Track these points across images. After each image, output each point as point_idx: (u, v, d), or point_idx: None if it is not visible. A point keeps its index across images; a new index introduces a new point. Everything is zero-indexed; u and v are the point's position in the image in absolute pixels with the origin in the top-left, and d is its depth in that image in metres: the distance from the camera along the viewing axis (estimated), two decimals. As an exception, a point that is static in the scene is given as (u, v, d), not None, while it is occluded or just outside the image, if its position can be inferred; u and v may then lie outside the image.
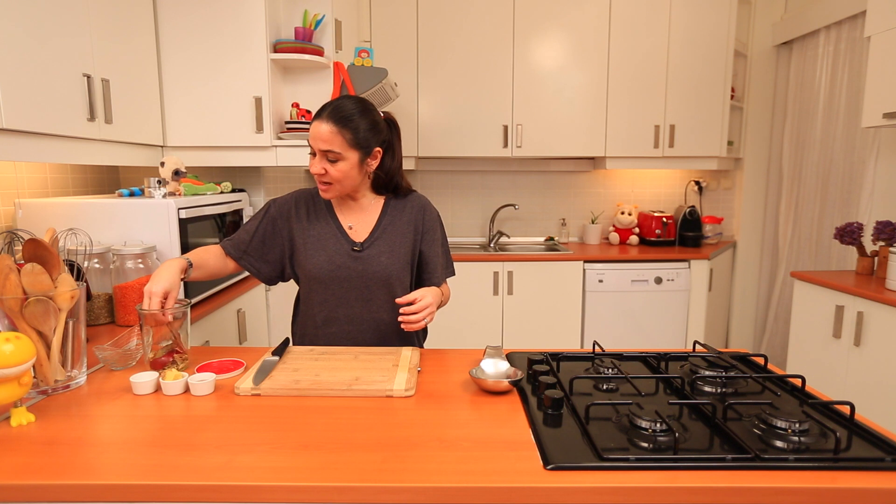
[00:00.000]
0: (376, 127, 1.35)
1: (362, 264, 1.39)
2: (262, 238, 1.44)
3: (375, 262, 1.39)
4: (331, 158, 1.31)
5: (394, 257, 1.41)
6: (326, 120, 1.29)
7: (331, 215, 1.44)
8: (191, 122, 2.23)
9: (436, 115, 3.30)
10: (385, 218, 1.44)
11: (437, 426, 0.96)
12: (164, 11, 2.16)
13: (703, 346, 1.34)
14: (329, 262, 1.39)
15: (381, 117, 1.38)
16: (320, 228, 1.42)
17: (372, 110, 1.36)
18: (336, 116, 1.29)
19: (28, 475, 0.80)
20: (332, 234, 1.41)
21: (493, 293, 3.18)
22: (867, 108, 2.41)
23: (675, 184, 3.78)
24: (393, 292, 1.42)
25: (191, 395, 1.09)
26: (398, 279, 1.42)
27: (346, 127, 1.29)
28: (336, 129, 1.29)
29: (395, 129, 1.43)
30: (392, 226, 1.44)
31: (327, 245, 1.40)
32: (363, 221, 1.44)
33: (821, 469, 0.82)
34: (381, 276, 1.39)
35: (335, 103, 1.32)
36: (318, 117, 1.31)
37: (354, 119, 1.30)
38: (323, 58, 2.32)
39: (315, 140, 1.30)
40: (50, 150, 1.56)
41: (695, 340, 1.55)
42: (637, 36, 3.24)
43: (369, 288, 1.40)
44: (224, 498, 0.78)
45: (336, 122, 1.29)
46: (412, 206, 1.47)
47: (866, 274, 2.49)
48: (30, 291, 1.06)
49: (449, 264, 1.55)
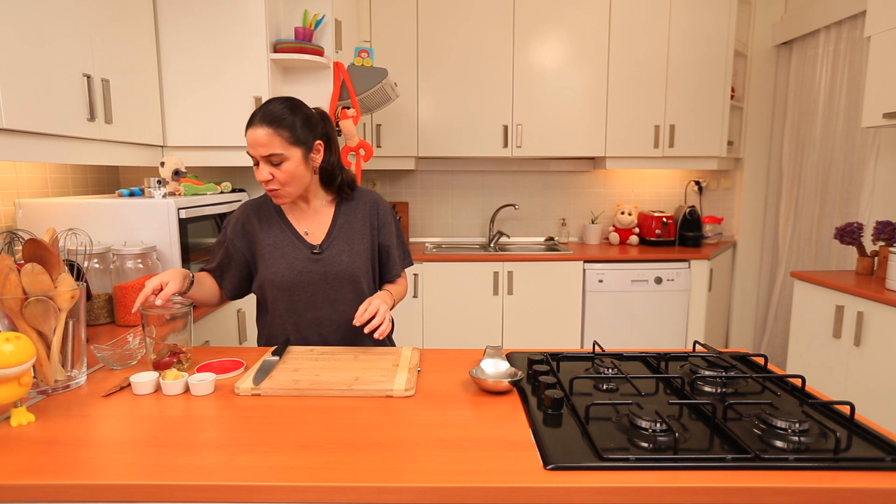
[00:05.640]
0: (310, 121, 1.34)
1: (324, 266, 1.39)
2: (229, 260, 1.44)
3: (336, 261, 1.39)
4: (274, 162, 1.29)
5: (354, 255, 1.41)
6: (260, 124, 1.27)
7: (284, 223, 1.43)
8: (191, 122, 2.23)
9: (436, 115, 3.30)
10: (340, 218, 1.44)
11: (437, 426, 0.96)
12: (164, 11, 2.16)
13: (703, 346, 1.34)
14: (290, 269, 1.38)
15: (312, 111, 1.37)
16: (275, 237, 1.41)
17: (301, 106, 1.35)
18: (268, 119, 1.28)
19: (28, 475, 0.80)
20: (288, 240, 1.41)
21: (493, 293, 3.18)
22: (867, 108, 2.41)
23: (675, 184, 3.78)
24: (359, 289, 1.42)
25: (191, 395, 1.09)
26: (362, 276, 1.42)
27: (281, 126, 1.28)
28: (272, 131, 1.27)
29: (328, 122, 1.42)
30: (348, 224, 1.44)
31: (286, 252, 1.39)
32: (318, 224, 1.44)
33: (821, 469, 0.82)
34: (344, 274, 1.40)
35: (264, 108, 1.30)
36: (250, 125, 1.29)
37: (287, 117, 1.29)
38: (323, 58, 2.32)
39: (254, 147, 1.29)
40: (50, 150, 1.56)
41: (695, 340, 1.55)
42: (637, 36, 3.24)
43: (334, 289, 1.40)
44: (224, 498, 0.78)
45: (270, 123, 1.27)
46: (364, 203, 1.47)
47: (866, 274, 2.49)
48: (30, 291, 1.06)
49: (406, 255, 1.57)
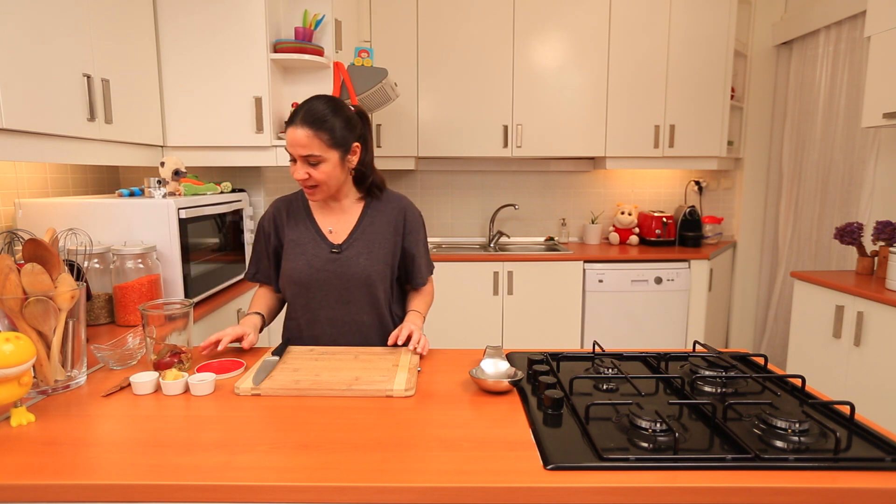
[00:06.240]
0: (350, 123, 1.34)
1: (341, 266, 1.39)
2: (275, 256, 1.47)
3: (354, 263, 1.39)
4: (312, 162, 1.30)
5: (372, 258, 1.40)
6: (301, 124, 1.28)
7: (309, 219, 1.44)
8: (191, 122, 2.23)
9: (436, 115, 3.30)
10: (365, 219, 1.44)
11: (437, 426, 0.96)
12: (164, 11, 2.16)
13: (703, 346, 1.34)
14: (308, 266, 1.39)
15: (352, 112, 1.38)
16: (299, 233, 1.43)
17: (343, 107, 1.35)
18: (310, 119, 1.28)
19: (28, 475, 0.80)
20: (310, 237, 1.42)
21: (493, 293, 3.18)
22: (867, 108, 2.41)
23: (675, 184, 3.78)
24: (373, 294, 1.41)
25: (191, 395, 1.09)
26: (378, 280, 1.41)
27: (322, 128, 1.28)
28: (312, 132, 1.27)
29: (366, 121, 1.43)
30: (372, 226, 1.43)
31: (307, 249, 1.40)
32: (343, 222, 1.44)
33: (821, 469, 0.82)
34: (360, 277, 1.39)
35: (306, 106, 1.30)
36: (291, 123, 1.29)
37: (329, 119, 1.29)
38: (323, 58, 2.32)
39: (293, 146, 1.29)
40: (50, 150, 1.56)
41: (695, 340, 1.55)
42: (637, 36, 3.24)
43: (348, 290, 1.40)
44: (224, 498, 0.78)
45: (311, 124, 1.27)
46: (393, 208, 1.47)
47: (866, 274, 2.49)
48: (30, 291, 1.06)
49: (430, 262, 1.57)
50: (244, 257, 2.31)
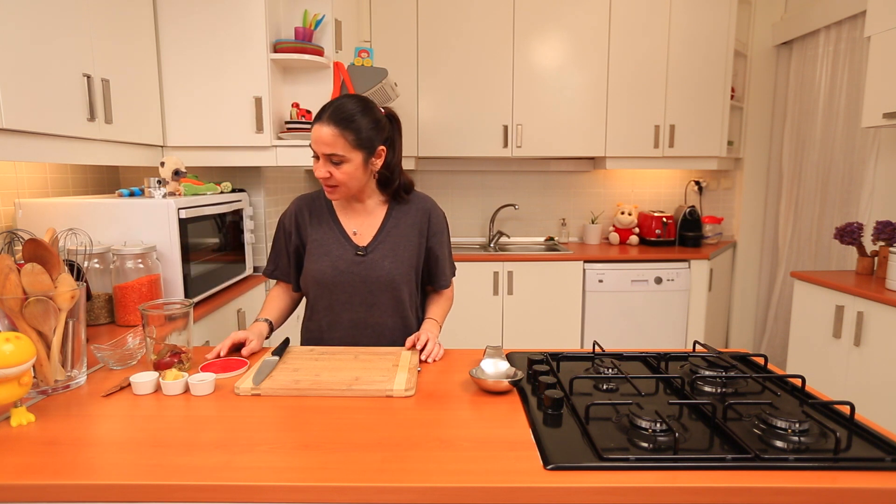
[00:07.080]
0: (378, 125, 1.32)
1: (366, 269, 1.38)
2: (295, 254, 1.46)
3: (378, 266, 1.38)
4: (335, 161, 1.28)
5: (397, 261, 1.39)
6: (327, 122, 1.26)
7: (333, 220, 1.42)
8: (191, 122, 2.23)
9: (436, 115, 3.30)
10: (389, 221, 1.42)
11: (437, 426, 0.96)
12: (164, 11, 2.16)
13: (703, 346, 1.34)
14: (332, 268, 1.37)
15: (382, 114, 1.36)
16: (323, 233, 1.41)
17: (373, 108, 1.33)
18: (337, 118, 1.26)
19: (28, 475, 0.80)
20: (335, 238, 1.40)
21: (493, 293, 3.18)
22: (867, 108, 2.41)
23: (675, 184, 3.78)
24: (398, 297, 1.40)
25: (191, 395, 1.09)
26: (403, 283, 1.40)
27: (348, 128, 1.26)
28: (338, 132, 1.25)
29: (396, 124, 1.40)
30: (396, 229, 1.42)
31: (331, 250, 1.39)
32: (367, 225, 1.42)
33: (821, 469, 0.82)
34: (385, 280, 1.38)
35: (335, 104, 1.29)
36: (318, 120, 1.27)
37: (356, 119, 1.27)
38: (323, 58, 2.32)
39: (317, 144, 1.27)
40: (50, 150, 1.56)
41: (695, 340, 1.55)
42: (637, 36, 3.24)
43: (373, 293, 1.39)
44: (224, 498, 0.78)
45: (337, 123, 1.26)
46: (417, 209, 1.45)
47: (866, 274, 2.49)
48: (30, 291, 1.06)
49: (453, 264, 1.56)
50: (244, 257, 2.31)
